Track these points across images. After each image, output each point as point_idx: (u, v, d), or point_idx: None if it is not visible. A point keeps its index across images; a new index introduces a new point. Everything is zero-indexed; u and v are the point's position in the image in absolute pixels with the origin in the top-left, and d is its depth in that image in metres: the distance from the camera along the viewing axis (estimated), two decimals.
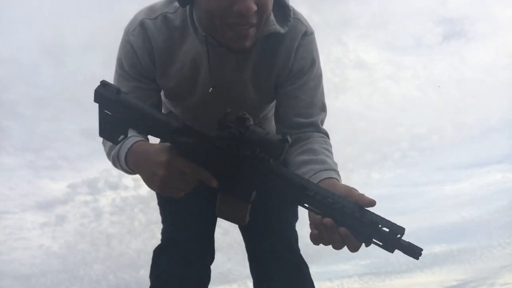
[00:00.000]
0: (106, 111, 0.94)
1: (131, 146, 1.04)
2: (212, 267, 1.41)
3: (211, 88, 1.18)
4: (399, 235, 0.86)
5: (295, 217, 1.44)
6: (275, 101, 1.30)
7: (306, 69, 1.21)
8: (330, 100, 1.30)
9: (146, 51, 1.16)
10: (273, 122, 1.35)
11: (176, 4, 1.14)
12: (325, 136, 1.24)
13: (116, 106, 0.92)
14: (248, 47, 1.07)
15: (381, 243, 0.88)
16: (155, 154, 0.96)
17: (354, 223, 0.86)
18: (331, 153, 1.18)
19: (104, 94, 0.92)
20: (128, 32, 1.18)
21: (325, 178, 1.05)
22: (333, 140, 1.25)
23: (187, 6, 1.11)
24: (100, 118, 0.95)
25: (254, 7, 0.97)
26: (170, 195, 0.98)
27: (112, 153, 1.12)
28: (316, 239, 0.91)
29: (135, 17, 1.19)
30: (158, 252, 1.38)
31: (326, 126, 1.29)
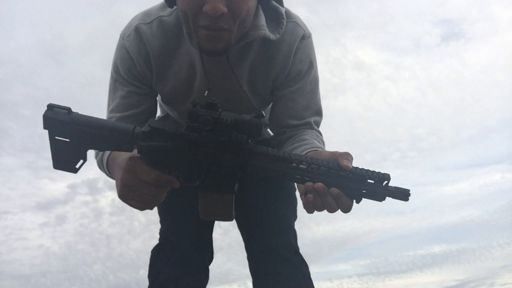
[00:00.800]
0: (57, 138, 0.87)
1: (111, 152, 1.03)
2: (212, 267, 1.42)
3: (206, 92, 1.18)
4: (386, 182, 0.87)
5: (294, 216, 1.44)
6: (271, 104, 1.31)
7: (304, 72, 1.21)
8: (329, 101, 1.31)
9: (141, 57, 1.16)
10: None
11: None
12: (317, 132, 1.24)
13: (70, 127, 0.86)
14: (222, 50, 1.06)
15: (370, 195, 0.88)
16: (122, 160, 0.92)
17: (342, 181, 0.88)
18: (322, 143, 1.19)
19: (54, 118, 0.86)
20: (123, 37, 1.17)
21: (310, 150, 1.06)
22: (333, 140, 1.26)
23: None
24: (52, 148, 0.88)
25: (223, 9, 0.95)
26: (133, 205, 0.92)
27: (97, 158, 1.12)
28: (309, 205, 0.90)
29: (131, 22, 1.19)
30: (156, 252, 1.38)
31: (325, 125, 1.29)
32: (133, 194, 0.90)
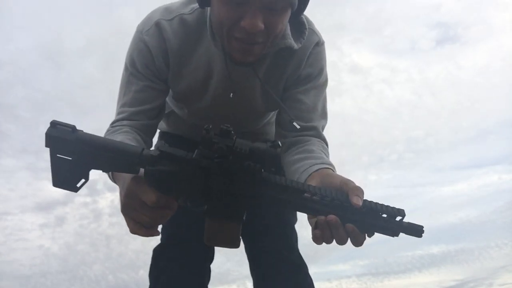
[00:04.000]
0: (59, 156, 0.83)
1: None
2: (211, 267, 1.42)
3: (232, 94, 1.18)
4: (400, 218, 0.86)
5: (295, 218, 1.46)
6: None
7: (313, 76, 1.22)
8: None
9: (160, 52, 1.15)
10: (273, 127, 1.36)
11: (193, 5, 1.14)
12: (323, 142, 1.24)
13: (74, 146, 0.82)
14: (251, 62, 1.07)
15: (384, 230, 0.87)
16: (126, 178, 0.89)
17: (356, 216, 0.85)
18: (328, 156, 1.18)
19: (58, 136, 0.81)
20: (142, 31, 1.15)
21: (320, 169, 1.04)
22: (330, 142, 1.26)
23: (207, 9, 1.10)
24: (52, 165, 0.84)
25: (261, 26, 0.96)
26: (130, 226, 0.88)
27: None
28: (319, 239, 0.88)
29: (150, 16, 1.17)
30: (158, 252, 1.38)
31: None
32: (132, 214, 0.87)
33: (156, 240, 1.40)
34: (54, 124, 0.82)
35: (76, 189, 0.87)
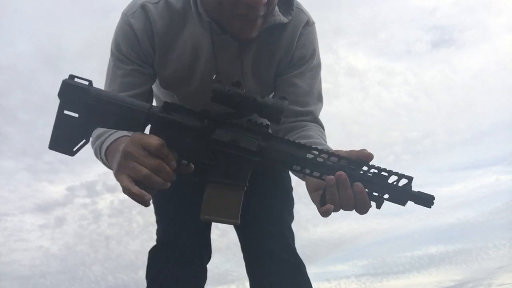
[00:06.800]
0: (66, 113, 0.84)
1: (119, 137, 0.99)
2: (210, 267, 1.41)
3: (215, 75, 1.17)
4: (408, 184, 0.84)
5: (291, 217, 1.45)
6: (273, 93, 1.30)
7: (307, 58, 1.22)
8: (323, 105, 1.32)
9: (146, 34, 1.14)
10: None
11: None
12: (320, 127, 1.23)
13: (88, 97, 0.83)
14: (254, 37, 1.08)
15: (392, 198, 0.84)
16: (126, 140, 0.88)
17: (363, 177, 0.84)
18: (326, 142, 1.17)
19: (75, 85, 0.83)
20: (127, 14, 1.15)
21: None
22: (328, 143, 1.28)
23: None
24: (56, 122, 0.84)
25: (265, 0, 0.98)
26: (124, 183, 0.83)
27: (96, 144, 1.05)
28: (327, 209, 0.85)
29: (135, 0, 1.17)
30: (154, 253, 1.36)
31: None
32: (130, 166, 0.83)
33: (154, 241, 1.40)
34: (72, 76, 0.84)
35: (72, 153, 0.86)
